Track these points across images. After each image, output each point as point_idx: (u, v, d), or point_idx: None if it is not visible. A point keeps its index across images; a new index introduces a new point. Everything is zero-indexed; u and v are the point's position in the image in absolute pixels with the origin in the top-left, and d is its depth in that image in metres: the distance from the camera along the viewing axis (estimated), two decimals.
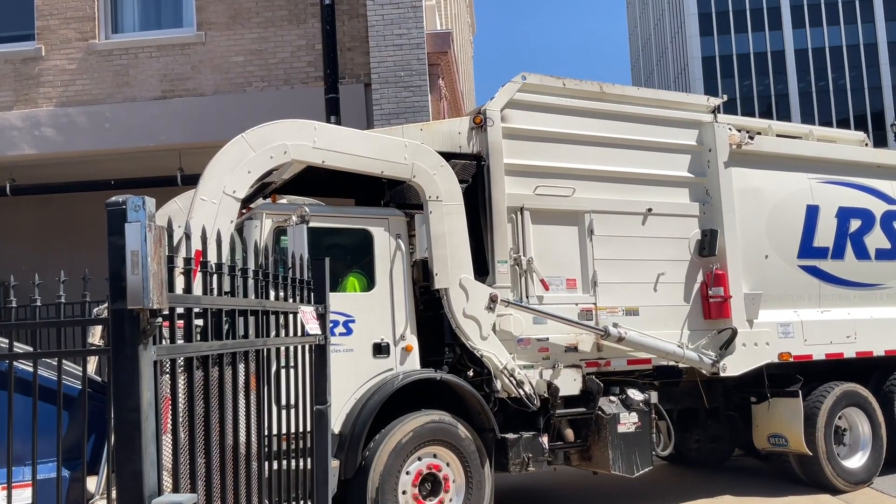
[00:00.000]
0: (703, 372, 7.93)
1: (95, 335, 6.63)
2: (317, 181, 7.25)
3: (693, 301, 7.95)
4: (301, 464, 4.30)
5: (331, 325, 4.80)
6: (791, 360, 8.29)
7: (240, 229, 6.22)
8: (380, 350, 6.48)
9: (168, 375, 2.76)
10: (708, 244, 7.98)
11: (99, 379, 5.74)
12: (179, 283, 2.85)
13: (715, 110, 8.48)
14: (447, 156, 6.90)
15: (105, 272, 2.46)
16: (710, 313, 7.94)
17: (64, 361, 3.42)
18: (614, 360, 7.48)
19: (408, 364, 6.58)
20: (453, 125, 7.31)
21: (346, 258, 6.68)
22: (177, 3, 11.87)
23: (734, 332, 7.87)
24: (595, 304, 7.44)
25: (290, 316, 4.14)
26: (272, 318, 3.81)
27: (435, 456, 6.48)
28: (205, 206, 5.74)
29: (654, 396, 7.61)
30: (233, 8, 11.32)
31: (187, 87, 11.26)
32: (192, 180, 7.04)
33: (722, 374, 7.89)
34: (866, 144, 10.26)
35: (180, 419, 2.83)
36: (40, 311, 3.41)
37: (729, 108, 12.88)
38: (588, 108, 7.77)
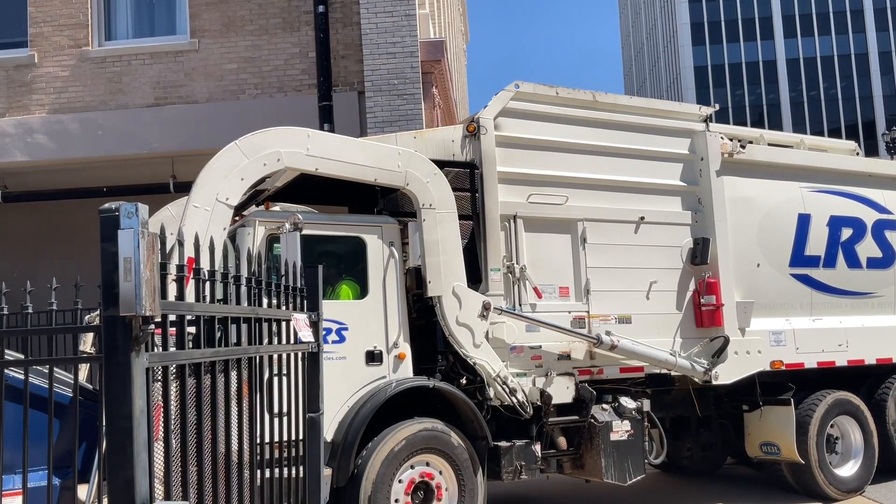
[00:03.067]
0: (696, 380, 7.94)
1: (87, 342, 6.61)
2: (310, 189, 7.24)
3: (685, 309, 7.97)
4: (293, 472, 4.29)
5: (323, 332, 4.80)
6: (783, 368, 8.30)
7: (233, 237, 6.21)
8: (372, 358, 6.47)
9: (160, 383, 2.75)
10: (700, 252, 8.01)
11: (90, 386, 5.71)
12: (172, 290, 2.84)
13: (707, 119, 8.52)
14: (440, 164, 6.91)
15: (97, 279, 2.45)
16: (702, 321, 7.95)
17: (55, 369, 3.40)
18: (607, 368, 7.49)
19: (400, 372, 6.57)
20: (447, 133, 7.32)
21: (340, 266, 6.68)
22: (170, 11, 11.87)
23: (726, 341, 7.88)
24: (588, 311, 7.44)
25: (283, 323, 4.13)
26: (265, 325, 3.81)
27: (427, 464, 6.46)
28: (198, 214, 5.73)
29: (646, 404, 7.62)
30: (226, 16, 11.33)
31: (180, 95, 11.25)
32: (184, 188, 7.02)
33: (714, 383, 7.90)
34: (857, 154, 10.31)
35: (172, 427, 2.82)
36: (31, 319, 3.40)
37: (721, 117, 12.95)
38: (581, 116, 7.80)
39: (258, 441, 3.73)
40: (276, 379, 4.09)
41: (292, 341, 4.23)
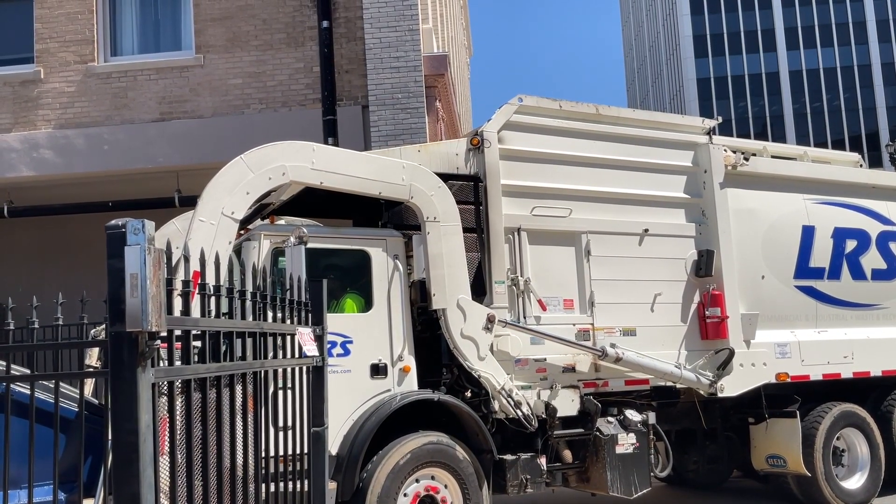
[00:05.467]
0: (701, 392, 7.92)
1: (92, 357, 6.62)
2: (315, 202, 7.27)
3: (690, 321, 7.96)
4: (298, 486, 4.29)
5: (328, 345, 4.81)
6: (788, 380, 8.28)
7: (238, 250, 6.23)
8: (377, 371, 6.47)
9: (166, 397, 2.76)
10: (704, 264, 8.01)
11: (96, 401, 5.72)
12: (177, 304, 2.86)
13: (710, 132, 8.53)
14: (444, 177, 6.93)
15: (103, 294, 2.47)
16: (707, 334, 7.94)
17: (61, 383, 3.41)
18: (612, 381, 7.48)
19: (405, 385, 6.57)
20: (451, 147, 7.34)
21: (344, 279, 6.69)
22: (175, 27, 11.95)
23: (731, 353, 7.87)
24: (592, 324, 7.44)
25: (288, 337, 4.14)
26: (270, 339, 3.82)
27: (433, 478, 6.45)
28: (203, 228, 5.75)
29: (651, 417, 7.60)
30: (231, 31, 11.40)
31: (186, 110, 11.31)
32: (190, 202, 7.06)
33: (720, 395, 7.88)
34: (861, 165, 10.32)
35: (178, 441, 2.83)
36: (37, 334, 3.42)
37: (724, 129, 12.94)
38: (584, 129, 7.82)
39: (263, 455, 3.73)
40: (280, 393, 4.09)
41: (297, 355, 4.24)
